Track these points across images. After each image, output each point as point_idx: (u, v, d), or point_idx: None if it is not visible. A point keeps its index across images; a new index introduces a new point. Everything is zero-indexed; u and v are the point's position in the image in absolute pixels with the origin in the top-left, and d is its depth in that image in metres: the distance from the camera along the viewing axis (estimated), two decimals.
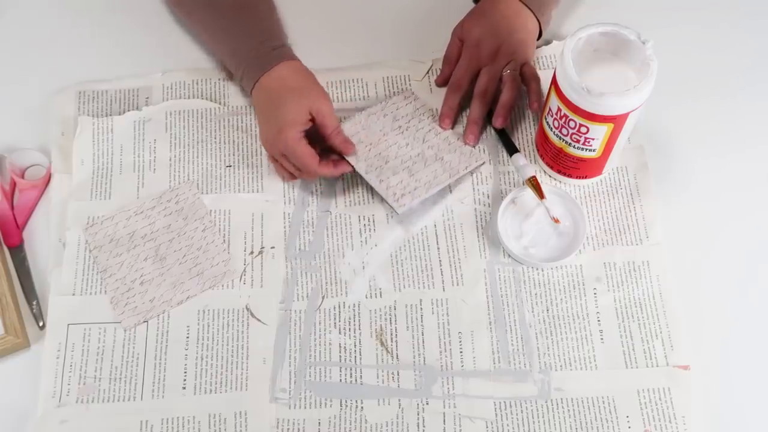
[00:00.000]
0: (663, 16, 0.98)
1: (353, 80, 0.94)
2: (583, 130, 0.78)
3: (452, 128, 0.90)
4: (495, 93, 0.89)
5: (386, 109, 0.91)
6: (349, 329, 0.82)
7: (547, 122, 0.83)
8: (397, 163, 0.86)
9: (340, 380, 0.80)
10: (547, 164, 0.88)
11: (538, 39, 0.92)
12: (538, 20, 0.90)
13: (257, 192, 0.88)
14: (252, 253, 0.85)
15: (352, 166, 0.86)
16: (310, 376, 0.80)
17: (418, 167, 0.86)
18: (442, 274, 0.84)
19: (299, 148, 0.82)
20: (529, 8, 0.89)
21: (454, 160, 0.87)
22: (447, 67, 0.92)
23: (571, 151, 0.82)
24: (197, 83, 0.94)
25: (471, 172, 0.88)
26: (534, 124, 0.92)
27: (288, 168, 0.85)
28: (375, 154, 0.87)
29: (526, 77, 0.88)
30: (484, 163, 0.88)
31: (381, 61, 0.96)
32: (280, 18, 0.92)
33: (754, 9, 1.00)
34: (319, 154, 0.84)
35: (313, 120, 0.83)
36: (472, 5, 0.93)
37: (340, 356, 0.81)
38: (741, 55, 0.96)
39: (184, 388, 0.79)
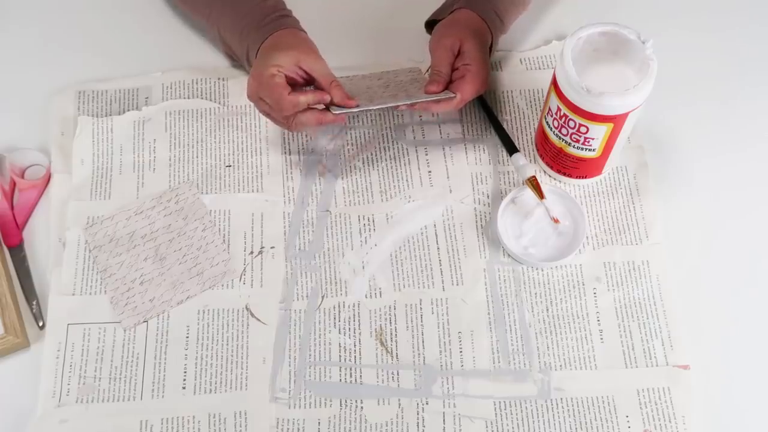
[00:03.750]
0: (663, 16, 0.98)
1: None
2: (583, 129, 0.78)
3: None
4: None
5: (384, 77, 0.90)
6: (349, 329, 0.82)
7: (547, 122, 0.83)
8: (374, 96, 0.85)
9: (340, 380, 0.80)
10: (547, 164, 0.88)
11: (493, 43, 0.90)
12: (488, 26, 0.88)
13: (257, 192, 0.88)
14: (252, 252, 0.85)
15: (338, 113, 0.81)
16: (309, 375, 0.80)
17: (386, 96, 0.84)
18: (441, 274, 0.84)
19: (272, 81, 0.79)
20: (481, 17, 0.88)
21: (420, 94, 0.84)
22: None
23: (570, 150, 0.82)
24: (197, 83, 0.94)
25: (436, 101, 0.83)
26: (534, 124, 0.92)
27: (264, 108, 0.82)
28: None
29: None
30: (453, 97, 0.83)
31: (381, 61, 0.95)
32: None
33: (754, 8, 1.00)
34: None
35: (305, 77, 0.81)
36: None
37: (340, 356, 0.81)
38: (741, 55, 0.96)
39: (183, 387, 0.79)
